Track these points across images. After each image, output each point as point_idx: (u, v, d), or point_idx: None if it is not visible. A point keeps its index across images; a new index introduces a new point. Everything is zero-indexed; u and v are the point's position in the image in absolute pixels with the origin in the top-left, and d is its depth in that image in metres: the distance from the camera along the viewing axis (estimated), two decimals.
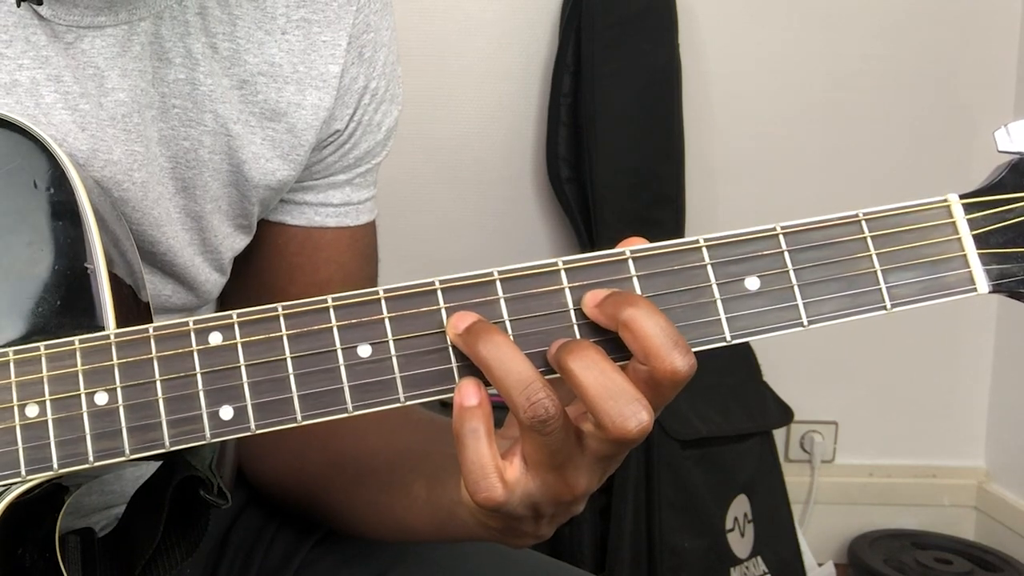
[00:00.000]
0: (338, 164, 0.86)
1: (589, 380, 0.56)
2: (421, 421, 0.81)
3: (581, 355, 0.57)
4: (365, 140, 0.86)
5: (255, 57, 0.79)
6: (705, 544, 1.90)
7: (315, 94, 0.81)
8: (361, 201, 0.89)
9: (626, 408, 0.56)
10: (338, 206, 0.87)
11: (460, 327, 0.59)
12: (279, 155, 0.81)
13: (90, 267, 0.64)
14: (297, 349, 0.59)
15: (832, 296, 0.60)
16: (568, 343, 0.58)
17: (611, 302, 0.58)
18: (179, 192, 0.79)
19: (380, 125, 0.87)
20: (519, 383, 0.57)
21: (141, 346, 0.60)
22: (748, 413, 2.01)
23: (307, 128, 0.81)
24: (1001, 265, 0.60)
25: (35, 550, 0.63)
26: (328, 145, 0.84)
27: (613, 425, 0.56)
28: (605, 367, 0.57)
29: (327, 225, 0.87)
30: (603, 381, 0.56)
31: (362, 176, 0.88)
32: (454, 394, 0.59)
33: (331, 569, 0.87)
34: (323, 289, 0.84)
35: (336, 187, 0.87)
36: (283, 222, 0.87)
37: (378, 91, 0.85)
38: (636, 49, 1.99)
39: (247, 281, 0.90)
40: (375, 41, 0.84)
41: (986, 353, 2.28)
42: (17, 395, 0.60)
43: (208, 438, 0.59)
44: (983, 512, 2.29)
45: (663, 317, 0.57)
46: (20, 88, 0.71)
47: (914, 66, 2.16)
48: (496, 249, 2.11)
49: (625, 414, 0.56)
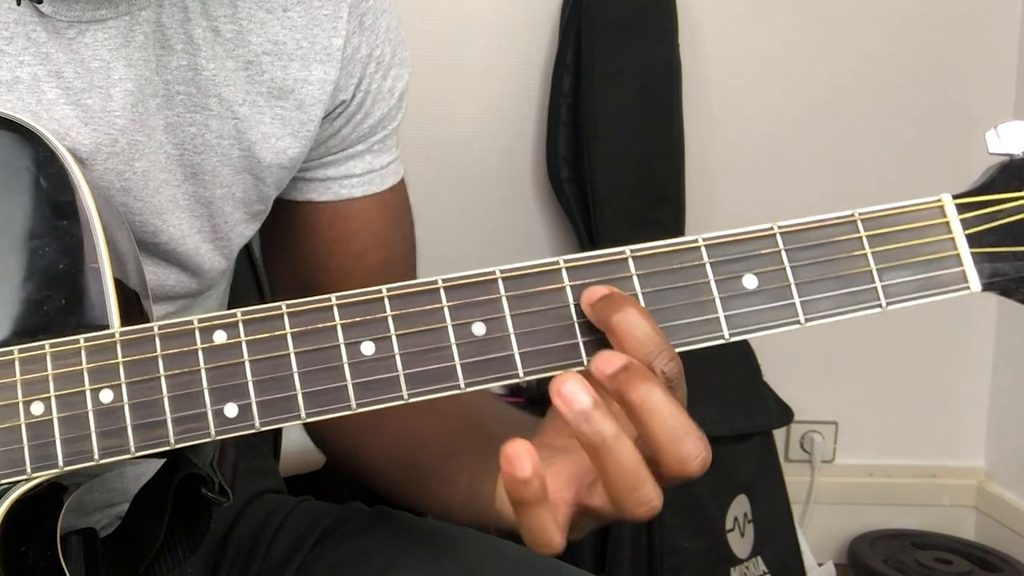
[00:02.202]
0: (353, 135, 0.86)
1: (655, 420, 0.56)
2: (472, 408, 0.81)
3: (647, 389, 0.57)
4: (377, 108, 0.86)
5: (258, 37, 0.79)
6: (705, 544, 1.90)
7: (320, 68, 0.81)
8: (384, 166, 0.89)
9: (691, 449, 0.56)
10: (361, 175, 0.88)
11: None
12: (289, 133, 0.81)
13: (93, 265, 0.64)
14: (301, 347, 0.60)
15: (828, 294, 0.60)
16: (630, 374, 0.57)
17: (603, 305, 0.59)
18: (188, 179, 0.79)
19: (392, 91, 0.87)
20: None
21: (146, 344, 0.60)
22: (748, 413, 2.01)
23: (315, 103, 0.82)
24: (993, 264, 0.60)
25: (38, 548, 0.63)
26: (338, 117, 0.85)
27: (680, 466, 0.57)
28: (670, 404, 0.57)
29: (354, 196, 0.88)
30: (670, 422, 0.56)
31: (380, 143, 0.88)
32: (503, 462, 0.57)
33: (331, 569, 0.87)
34: (360, 258, 0.88)
35: (356, 157, 0.88)
36: (311, 200, 0.88)
37: (384, 58, 0.85)
38: (636, 49, 2.00)
39: (289, 264, 0.91)
40: (375, 8, 0.84)
41: (986, 353, 2.28)
42: (22, 393, 0.60)
43: (213, 435, 0.60)
44: (983, 512, 2.29)
45: (651, 324, 0.58)
46: (22, 85, 0.71)
47: (914, 66, 2.16)
48: (496, 249, 2.11)
49: (691, 455, 0.56)
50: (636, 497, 0.57)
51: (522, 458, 0.56)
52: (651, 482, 0.57)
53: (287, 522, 0.92)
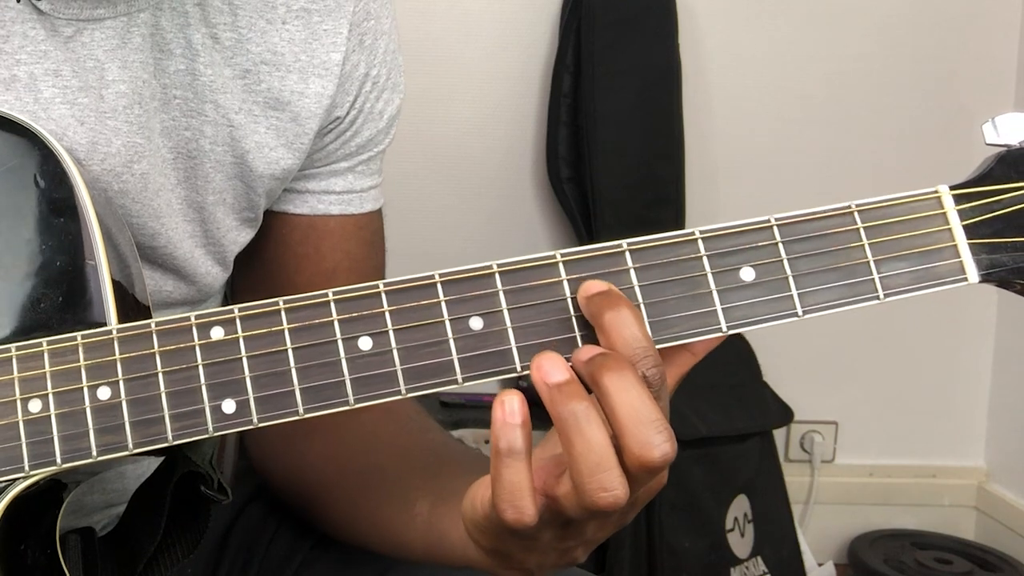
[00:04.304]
0: (340, 151, 0.86)
1: (622, 401, 0.56)
2: (435, 443, 0.82)
3: (619, 374, 0.57)
4: (367, 128, 0.86)
5: (258, 46, 0.79)
6: (705, 544, 1.90)
7: (318, 82, 0.81)
8: (364, 189, 0.88)
9: (655, 436, 0.56)
10: (341, 193, 0.87)
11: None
12: (283, 144, 0.81)
13: (91, 263, 0.64)
14: (298, 343, 0.60)
15: (826, 286, 0.60)
16: (605, 357, 0.57)
17: (597, 301, 0.59)
18: (181, 183, 0.79)
19: (382, 113, 0.87)
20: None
21: (143, 341, 0.60)
22: (748, 413, 2.01)
23: (311, 116, 0.81)
24: (991, 255, 0.60)
25: (37, 547, 0.63)
26: (329, 132, 0.84)
27: (640, 451, 0.56)
28: (642, 392, 0.56)
29: (331, 213, 0.87)
30: (637, 405, 0.56)
31: (365, 164, 0.88)
32: (495, 407, 0.57)
33: (331, 569, 0.87)
34: (329, 278, 0.85)
35: (338, 174, 0.87)
36: (286, 211, 0.87)
37: (379, 79, 0.85)
38: (636, 49, 2.00)
39: (254, 274, 0.90)
40: (376, 29, 0.84)
41: (986, 353, 2.28)
42: (20, 390, 0.60)
43: (211, 432, 0.60)
44: (983, 512, 2.29)
45: (641, 328, 0.58)
46: (19, 83, 0.71)
47: (914, 66, 2.16)
48: (496, 249, 2.09)
49: (653, 442, 0.56)
50: (599, 480, 0.56)
51: (515, 403, 0.57)
52: (617, 470, 0.56)
53: (287, 522, 0.92)
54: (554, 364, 0.57)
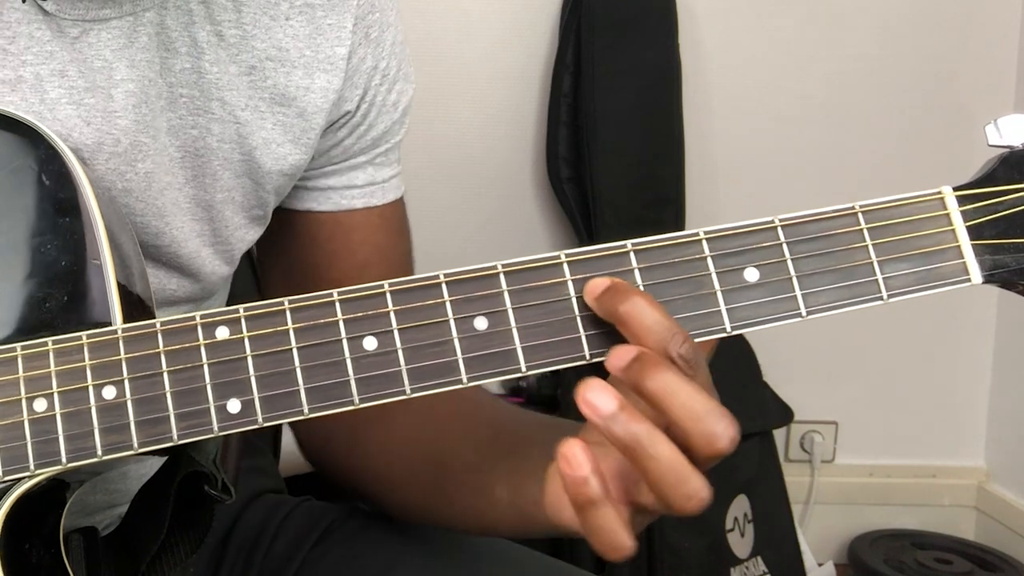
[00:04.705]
0: (356, 146, 0.86)
1: (674, 404, 0.56)
2: (496, 417, 0.81)
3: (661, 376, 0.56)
4: (381, 120, 0.86)
5: (263, 43, 0.79)
6: (705, 544, 1.90)
7: (324, 77, 0.81)
8: (385, 180, 0.89)
9: (716, 426, 0.56)
10: (363, 187, 0.88)
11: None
12: (290, 140, 0.81)
13: (95, 262, 0.64)
14: (303, 342, 0.60)
15: (829, 287, 0.60)
16: (642, 363, 0.57)
17: (608, 297, 0.59)
18: (189, 182, 0.79)
19: (396, 104, 0.87)
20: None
21: (148, 340, 0.60)
22: (748, 413, 2.01)
23: (317, 112, 0.81)
24: (994, 256, 0.60)
25: (40, 546, 0.63)
26: (342, 127, 0.85)
27: (708, 445, 0.56)
28: (689, 388, 0.56)
29: (355, 207, 0.88)
30: (689, 403, 0.56)
31: (383, 155, 0.88)
32: (560, 464, 0.56)
33: (331, 569, 0.87)
34: (363, 271, 0.86)
35: (358, 168, 0.87)
36: (311, 210, 0.88)
37: (389, 71, 0.85)
38: (636, 49, 2.00)
39: (288, 275, 0.90)
40: (381, 21, 0.84)
41: (986, 353, 2.28)
42: (25, 390, 0.60)
43: (216, 431, 0.60)
44: (983, 512, 2.29)
45: (659, 310, 0.58)
46: (24, 84, 0.71)
47: (914, 66, 2.16)
48: (496, 249, 2.11)
49: (717, 432, 0.56)
50: (683, 492, 0.56)
51: (578, 457, 0.56)
52: (695, 475, 0.56)
53: (287, 522, 0.92)
54: (601, 394, 0.56)
